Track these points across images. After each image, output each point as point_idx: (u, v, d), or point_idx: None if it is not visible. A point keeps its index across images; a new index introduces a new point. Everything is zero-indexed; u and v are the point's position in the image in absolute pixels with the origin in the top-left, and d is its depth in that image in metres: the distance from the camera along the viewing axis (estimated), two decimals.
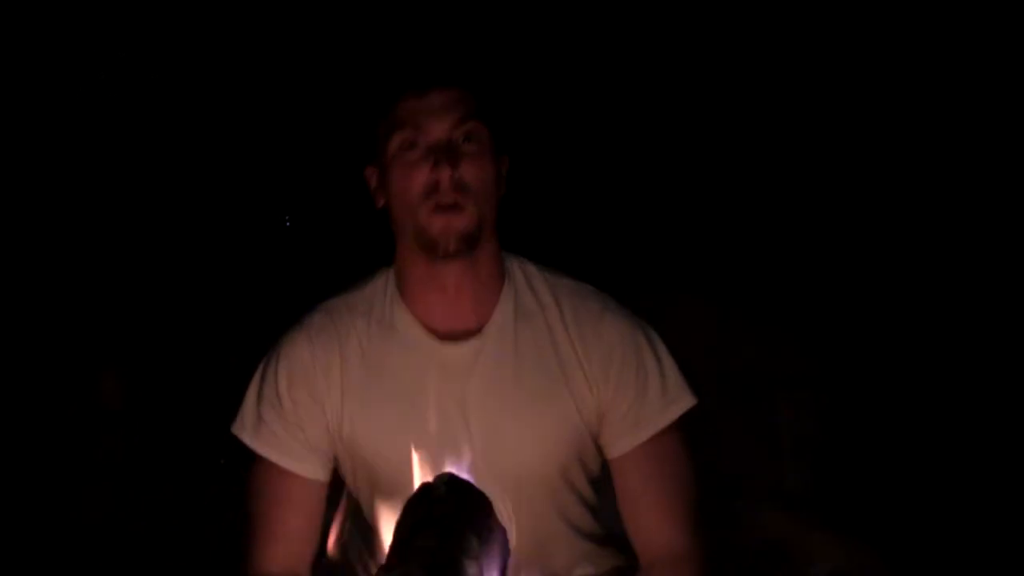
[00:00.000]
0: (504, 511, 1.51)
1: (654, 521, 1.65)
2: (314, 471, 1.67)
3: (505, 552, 1.34)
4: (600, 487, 1.75)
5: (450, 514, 1.26)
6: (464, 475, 1.35)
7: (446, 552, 1.21)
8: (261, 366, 1.73)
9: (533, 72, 2.58)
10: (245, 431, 1.70)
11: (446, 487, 1.29)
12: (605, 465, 1.72)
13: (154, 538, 2.68)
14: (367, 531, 1.72)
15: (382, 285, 1.73)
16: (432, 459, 1.49)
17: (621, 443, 1.67)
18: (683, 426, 1.68)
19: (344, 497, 1.81)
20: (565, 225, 2.79)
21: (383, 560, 1.30)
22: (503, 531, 1.35)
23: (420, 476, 1.47)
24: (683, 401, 1.68)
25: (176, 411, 2.88)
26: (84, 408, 2.88)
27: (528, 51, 2.59)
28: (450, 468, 1.37)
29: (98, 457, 2.86)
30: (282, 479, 1.67)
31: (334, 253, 2.91)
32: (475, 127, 1.64)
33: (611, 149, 2.79)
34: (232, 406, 1.72)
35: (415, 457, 1.50)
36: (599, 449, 1.70)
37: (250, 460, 1.71)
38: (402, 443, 1.57)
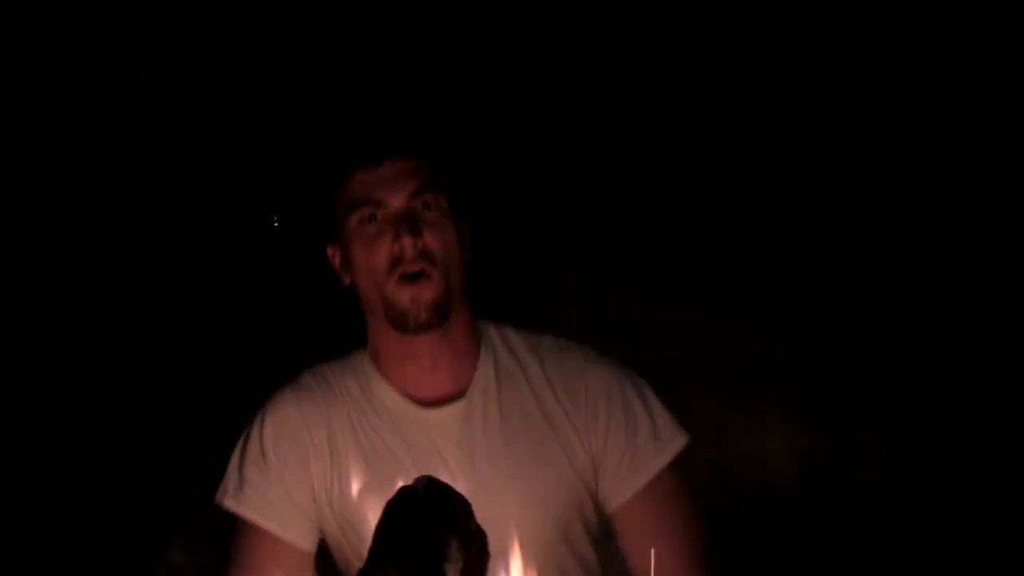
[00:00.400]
0: None
1: (666, 571, 1.61)
2: (301, 538, 1.64)
3: (484, 556, 1.32)
4: (602, 548, 1.71)
5: (430, 516, 1.25)
6: None
7: (425, 554, 1.21)
8: (245, 431, 1.70)
9: (487, 133, 2.55)
10: (228, 495, 1.66)
11: (425, 489, 1.28)
12: (606, 523, 1.68)
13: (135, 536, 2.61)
14: None
15: (358, 364, 1.71)
16: None
17: (619, 492, 1.64)
18: (680, 467, 1.66)
19: (329, 567, 1.76)
20: (535, 282, 2.76)
21: None
22: (483, 534, 1.33)
23: None
24: (676, 441, 1.65)
25: (164, 410, 2.83)
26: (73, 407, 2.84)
27: (480, 112, 2.56)
28: None
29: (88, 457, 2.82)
30: (268, 546, 1.63)
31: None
32: (433, 196, 1.62)
33: (576, 201, 2.78)
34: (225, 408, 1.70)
35: None
36: (598, 506, 1.67)
37: None
38: None
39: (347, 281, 1.69)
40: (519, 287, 2.64)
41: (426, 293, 1.59)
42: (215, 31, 2.75)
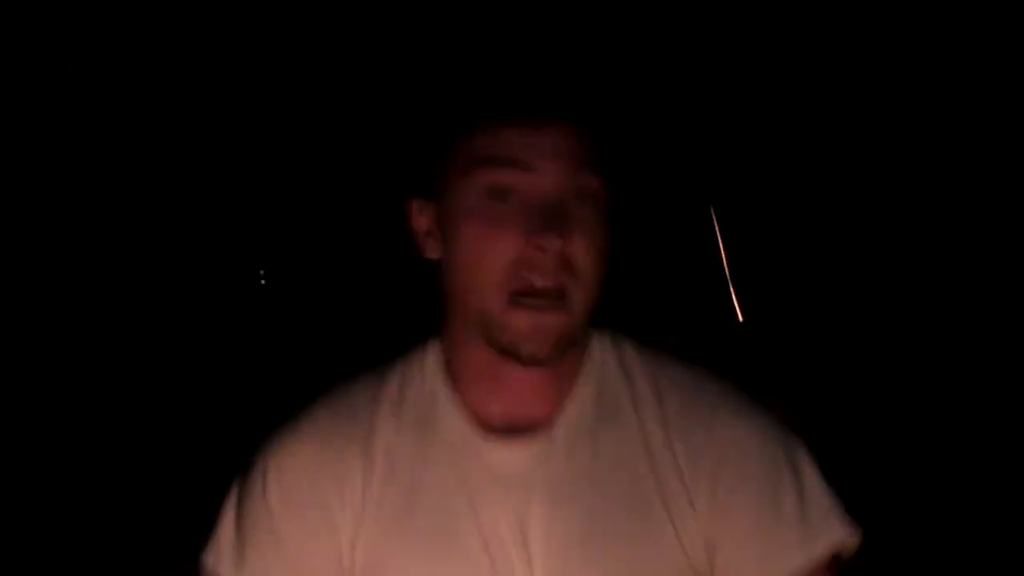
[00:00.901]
0: None
1: None
2: None
3: None
4: None
5: None
6: None
7: None
8: (238, 480, 1.24)
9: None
10: (224, 562, 1.21)
11: None
12: None
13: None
14: None
15: (423, 364, 1.26)
16: None
17: None
18: (834, 571, 1.20)
19: None
20: None
21: None
22: None
23: None
24: (831, 532, 1.19)
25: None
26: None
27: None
28: None
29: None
30: None
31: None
32: (598, 183, 1.16)
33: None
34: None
35: None
36: None
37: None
38: None
39: (434, 255, 1.22)
40: None
41: (555, 324, 1.14)
42: None
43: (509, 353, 1.15)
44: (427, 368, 1.24)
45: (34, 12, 2.42)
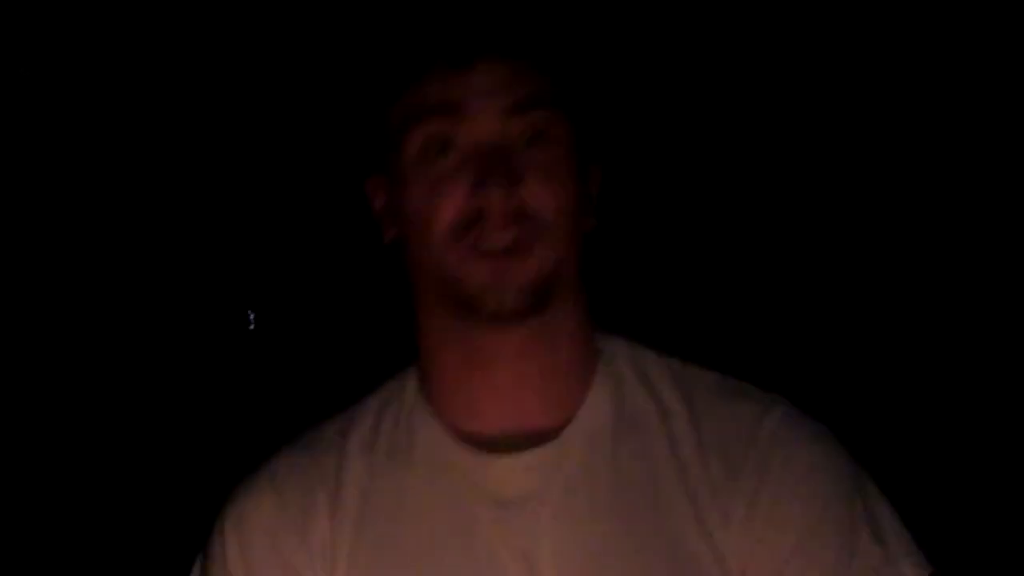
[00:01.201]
0: None
1: None
2: None
3: None
4: None
5: None
6: None
7: None
8: (203, 551, 1.10)
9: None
10: None
11: None
12: None
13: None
14: None
15: (401, 389, 1.10)
16: None
17: None
18: None
19: None
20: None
21: None
22: None
23: None
24: (915, 571, 1.01)
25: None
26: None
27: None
28: None
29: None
30: None
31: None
32: (548, 118, 1.01)
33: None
34: None
35: None
36: None
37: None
38: None
39: (391, 235, 1.08)
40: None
41: (517, 274, 0.98)
42: None
43: (475, 310, 1.00)
44: (405, 393, 1.09)
45: None
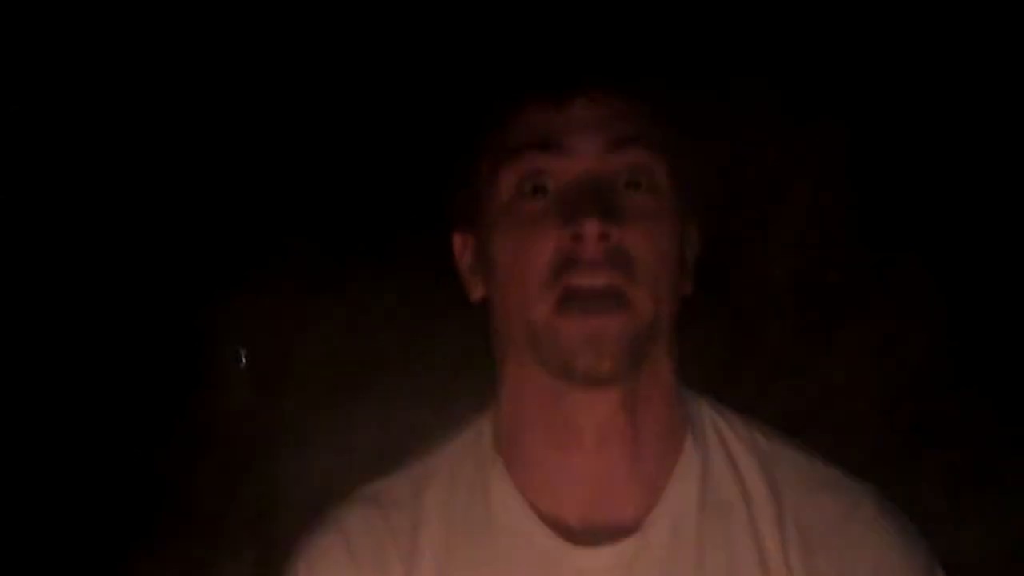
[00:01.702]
0: None
1: None
2: None
3: None
4: None
5: None
6: None
7: None
8: None
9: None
10: None
11: None
12: None
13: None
14: None
15: (472, 446, 1.02)
16: None
17: None
18: None
19: None
20: None
21: None
22: None
23: None
24: None
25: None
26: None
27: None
28: None
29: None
30: None
31: None
32: (648, 160, 0.93)
33: None
34: None
35: None
36: None
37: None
38: None
39: (478, 294, 1.00)
40: None
41: (613, 327, 0.89)
42: None
43: (564, 372, 0.92)
44: (480, 449, 1.01)
45: None
